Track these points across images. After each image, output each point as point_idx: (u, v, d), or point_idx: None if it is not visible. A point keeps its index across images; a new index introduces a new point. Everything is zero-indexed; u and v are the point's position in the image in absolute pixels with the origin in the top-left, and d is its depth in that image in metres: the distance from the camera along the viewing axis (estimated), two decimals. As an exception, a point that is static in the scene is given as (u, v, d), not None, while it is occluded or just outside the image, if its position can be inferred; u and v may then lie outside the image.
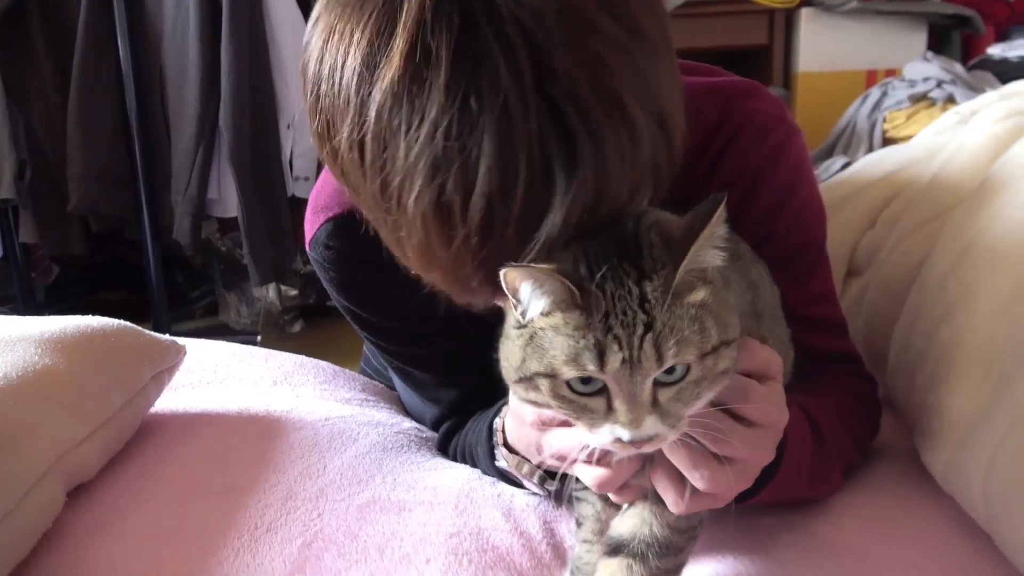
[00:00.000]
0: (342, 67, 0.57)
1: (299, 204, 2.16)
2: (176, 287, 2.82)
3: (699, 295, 0.53)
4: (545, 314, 0.54)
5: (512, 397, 0.69)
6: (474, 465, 0.89)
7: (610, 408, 0.53)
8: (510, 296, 0.55)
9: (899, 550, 0.73)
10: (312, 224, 0.86)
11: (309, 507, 0.81)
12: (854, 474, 0.86)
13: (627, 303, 0.52)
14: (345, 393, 1.19)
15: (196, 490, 0.84)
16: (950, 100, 2.23)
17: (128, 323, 1.00)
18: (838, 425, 0.80)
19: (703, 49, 2.95)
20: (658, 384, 0.53)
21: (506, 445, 0.79)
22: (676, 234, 0.54)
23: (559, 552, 0.78)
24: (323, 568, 0.72)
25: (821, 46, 2.95)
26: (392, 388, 1.18)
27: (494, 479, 0.87)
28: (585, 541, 0.72)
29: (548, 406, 0.55)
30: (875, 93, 2.42)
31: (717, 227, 0.53)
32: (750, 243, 0.76)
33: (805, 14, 2.94)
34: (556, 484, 0.78)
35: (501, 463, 0.81)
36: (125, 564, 0.74)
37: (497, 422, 0.80)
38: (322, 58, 0.58)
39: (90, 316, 0.98)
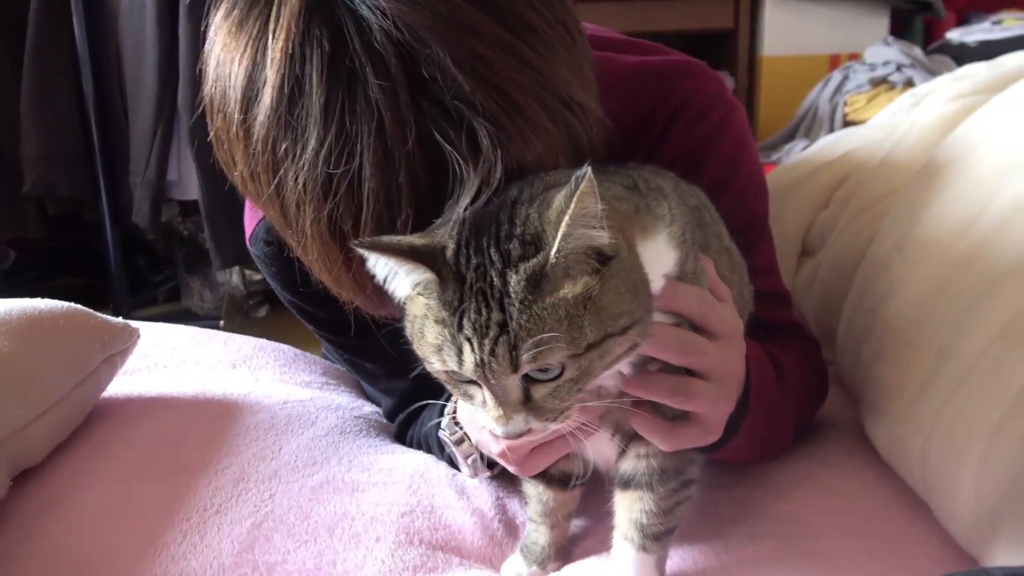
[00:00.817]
0: (226, 98, 0.58)
1: (261, 186, 2.13)
2: (138, 272, 2.78)
3: (573, 289, 0.48)
4: (411, 297, 0.53)
5: None
6: (430, 451, 0.89)
7: (485, 403, 0.52)
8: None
9: (840, 519, 0.75)
10: (251, 220, 0.86)
11: (261, 488, 0.80)
12: (803, 437, 0.88)
13: (485, 298, 0.48)
14: (306, 376, 1.18)
15: (146, 472, 0.84)
16: (909, 83, 2.26)
17: (78, 305, 0.98)
18: (795, 372, 0.81)
19: (669, 32, 2.95)
20: (532, 381, 0.50)
21: (454, 418, 0.79)
22: (551, 215, 0.49)
23: (512, 529, 0.78)
24: (271, 548, 0.71)
25: (785, 30, 2.97)
26: (354, 372, 1.17)
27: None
28: (531, 520, 0.73)
29: (440, 380, 0.55)
30: (836, 77, 2.44)
31: (586, 205, 0.47)
32: None
33: (770, -2, 2.96)
34: (488, 472, 0.78)
35: (443, 433, 0.79)
36: (70, 545, 0.73)
37: (448, 408, 0.80)
38: (215, 84, 0.60)
39: (38, 299, 0.96)
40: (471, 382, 0.52)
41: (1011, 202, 0.76)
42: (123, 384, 1.04)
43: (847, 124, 2.27)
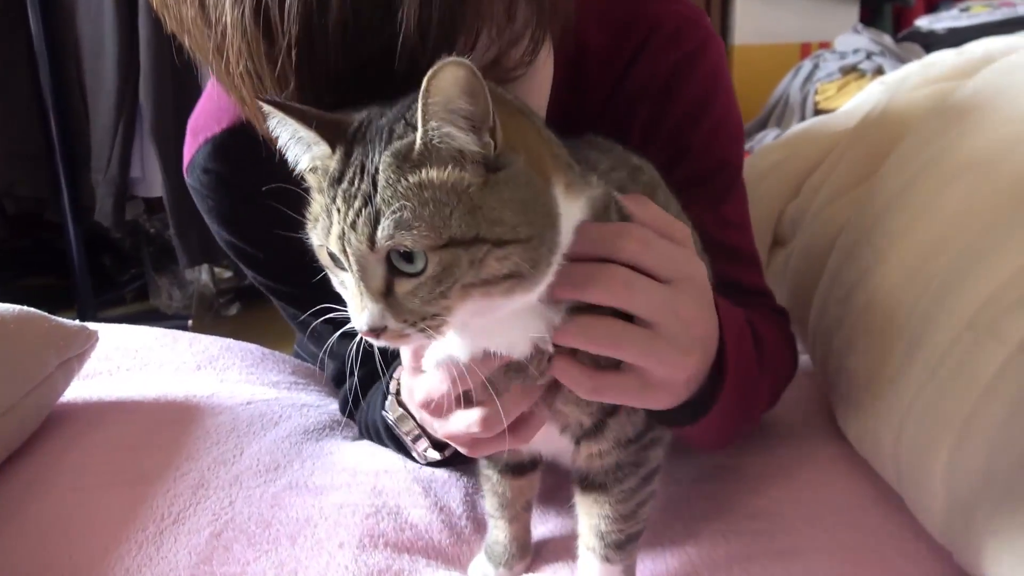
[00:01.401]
0: None
1: (228, 182, 2.10)
2: (104, 271, 2.72)
3: (440, 175, 0.45)
4: (306, 170, 0.50)
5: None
6: (380, 441, 0.84)
7: (347, 288, 0.49)
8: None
9: (813, 514, 0.74)
10: (190, 148, 0.80)
11: (221, 495, 0.78)
12: (773, 425, 0.86)
13: (362, 172, 0.46)
14: (273, 376, 1.15)
15: (102, 480, 0.81)
16: (879, 71, 2.27)
17: (31, 309, 0.95)
18: (772, 344, 0.76)
19: (641, 21, 2.94)
20: (398, 274, 0.47)
21: (397, 398, 0.72)
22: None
23: (480, 526, 0.76)
24: (231, 559, 0.69)
25: (757, 19, 2.98)
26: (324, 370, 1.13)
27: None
28: (490, 516, 0.71)
29: (326, 268, 0.52)
30: (807, 65, 2.45)
31: (447, 93, 0.44)
32: (664, 158, 0.68)
33: (741, -14, 2.97)
34: (437, 455, 0.72)
35: (387, 414, 0.73)
36: (20, 559, 0.70)
37: (396, 373, 0.72)
38: None
39: (-12, 303, 0.93)
40: (344, 269, 0.49)
41: (976, 193, 0.75)
42: (82, 389, 1.01)
43: (818, 112, 2.28)
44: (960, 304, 0.69)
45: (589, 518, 0.63)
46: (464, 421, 0.57)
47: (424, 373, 0.58)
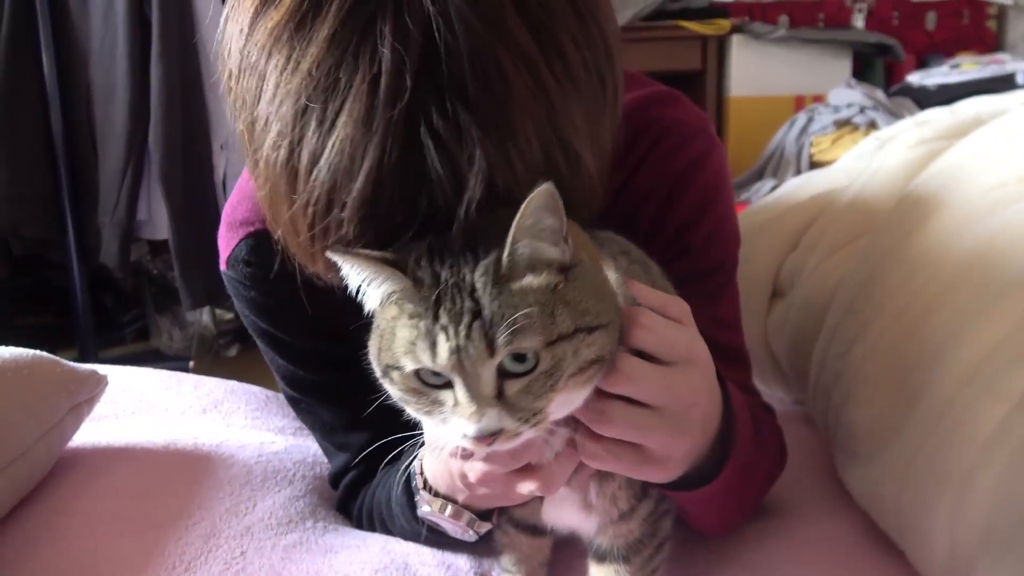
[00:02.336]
0: (244, 0, 0.57)
1: (233, 226, 2.12)
2: (105, 311, 2.73)
3: (537, 280, 0.50)
4: (383, 304, 0.53)
5: (426, 431, 0.66)
6: (384, 529, 0.83)
7: (457, 402, 0.51)
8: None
9: (813, 570, 0.75)
10: (229, 240, 0.82)
11: (232, 545, 0.78)
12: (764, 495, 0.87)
13: (459, 291, 0.50)
14: (278, 421, 1.16)
15: (113, 527, 0.81)
16: (872, 125, 2.33)
17: (43, 353, 0.96)
18: (768, 430, 0.78)
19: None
20: (507, 375, 0.50)
21: (427, 489, 0.72)
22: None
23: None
24: (243, 606, 0.69)
25: (751, 72, 3.06)
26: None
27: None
28: (506, 571, 0.72)
29: (406, 403, 0.54)
30: (802, 118, 2.51)
31: (538, 216, 0.49)
32: (664, 258, 0.71)
33: (736, 41, 3.05)
34: (489, 524, 0.73)
35: (424, 509, 0.73)
36: (32, 608, 0.70)
37: (416, 465, 0.73)
38: None
39: (1, 347, 0.94)
40: (440, 387, 0.52)
41: (972, 251, 0.78)
42: (90, 433, 1.01)
43: (813, 164, 2.33)
44: (959, 360, 0.71)
45: None
46: (527, 490, 0.59)
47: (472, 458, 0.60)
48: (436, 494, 0.71)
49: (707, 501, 0.68)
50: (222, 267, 0.84)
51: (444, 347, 0.49)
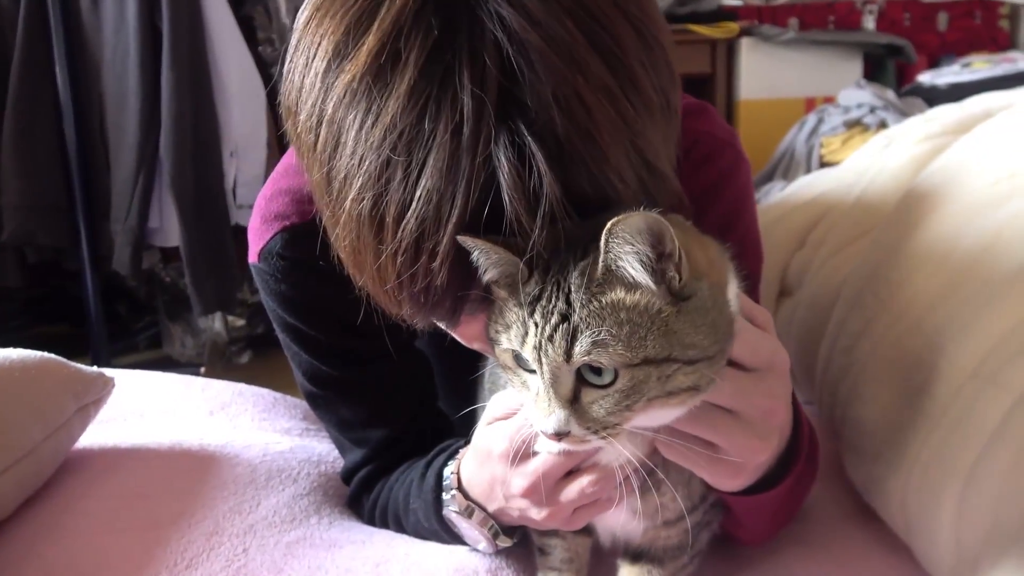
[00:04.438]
0: (316, 49, 0.56)
1: (242, 233, 2.12)
2: (118, 319, 2.75)
3: (632, 297, 0.49)
4: (496, 283, 0.54)
5: (477, 435, 0.67)
6: (396, 524, 0.83)
7: (537, 393, 0.52)
8: None
9: (820, 571, 0.74)
10: (263, 234, 0.82)
11: (235, 542, 0.79)
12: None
13: (557, 289, 0.51)
14: (285, 423, 1.16)
15: (118, 525, 0.82)
16: (882, 125, 2.31)
17: (51, 355, 0.97)
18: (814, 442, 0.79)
19: (649, 77, 3.01)
20: (586, 383, 0.51)
21: (460, 490, 0.72)
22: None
23: (494, 571, 0.76)
24: (243, 603, 0.70)
25: (761, 75, 3.04)
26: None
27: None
28: (552, 569, 0.70)
29: (506, 373, 0.56)
30: (812, 119, 2.49)
31: (627, 237, 0.49)
32: None
33: (745, 44, 3.04)
34: (510, 541, 0.74)
35: (451, 508, 0.73)
36: (35, 605, 0.71)
37: (451, 466, 0.74)
38: (300, 39, 0.58)
39: (10, 348, 0.95)
40: (531, 372, 0.53)
41: (977, 244, 0.77)
42: (97, 434, 1.02)
43: (823, 165, 2.31)
44: (964, 354, 0.70)
45: None
46: (577, 489, 0.60)
47: (526, 464, 0.61)
48: (467, 497, 0.71)
49: (765, 507, 0.68)
50: (252, 259, 0.84)
51: (531, 341, 0.51)
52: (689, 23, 2.98)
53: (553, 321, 0.50)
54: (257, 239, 0.82)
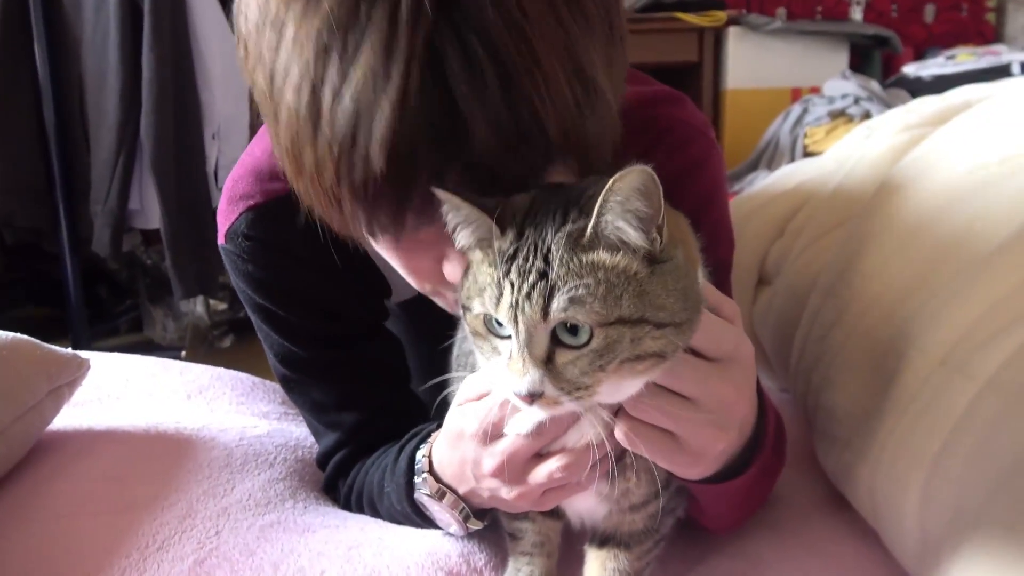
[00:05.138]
0: None
1: (224, 215, 2.12)
2: (99, 302, 2.73)
3: (612, 259, 0.50)
4: (471, 247, 0.55)
5: (448, 417, 0.67)
6: (372, 509, 0.83)
7: (511, 355, 0.52)
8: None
9: (790, 552, 0.75)
10: (230, 214, 0.82)
11: (208, 525, 0.78)
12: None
13: (535, 250, 0.51)
14: (263, 407, 1.16)
15: (88, 509, 0.81)
16: (867, 116, 2.32)
17: (23, 336, 0.96)
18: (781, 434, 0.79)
19: (636, 65, 3.00)
20: (560, 344, 0.51)
21: (431, 473, 0.73)
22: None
23: (465, 556, 0.76)
24: (213, 585, 0.69)
25: (748, 64, 3.05)
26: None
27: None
28: (524, 554, 0.71)
29: (475, 344, 0.56)
30: (796, 109, 2.50)
31: (629, 194, 0.49)
32: None
33: (733, 33, 3.04)
34: (480, 524, 0.74)
35: (423, 491, 0.73)
36: (3, 587, 0.71)
37: (423, 449, 0.74)
38: None
39: (-19, 330, 0.94)
40: (503, 338, 0.53)
41: (950, 233, 0.78)
42: (72, 417, 1.01)
43: (807, 155, 2.32)
44: (933, 342, 0.71)
45: (603, 570, 0.67)
46: (546, 471, 0.60)
47: (496, 444, 0.61)
48: (438, 480, 0.71)
49: (728, 496, 0.69)
50: (220, 241, 0.84)
51: (507, 300, 0.51)
52: (677, 11, 2.98)
53: (531, 279, 0.50)
54: (224, 220, 0.83)
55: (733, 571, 0.73)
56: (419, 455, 0.74)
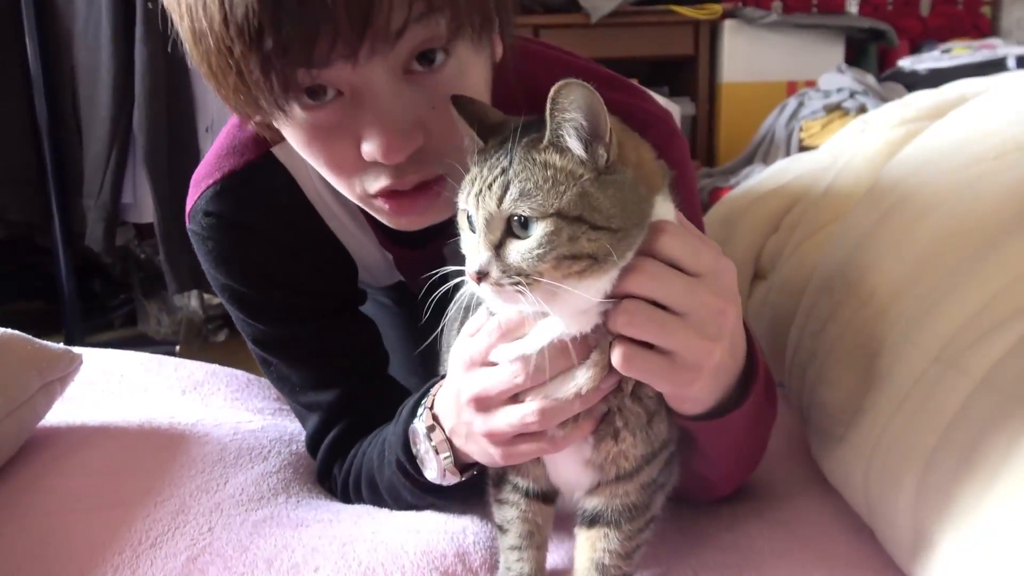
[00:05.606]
0: None
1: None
2: (93, 296, 2.72)
3: (560, 161, 0.57)
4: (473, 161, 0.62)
5: (449, 364, 0.68)
6: (370, 487, 0.83)
7: (474, 241, 0.59)
8: None
9: (783, 546, 0.75)
10: (192, 197, 0.85)
11: (200, 521, 0.78)
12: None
13: (506, 155, 0.58)
14: (258, 403, 1.16)
15: (81, 504, 0.81)
16: (862, 110, 2.31)
17: (14, 331, 0.96)
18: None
19: (631, 58, 3.00)
20: (513, 236, 0.57)
21: (431, 410, 0.73)
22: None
23: (460, 554, 0.76)
24: (206, 582, 0.69)
25: (744, 57, 3.04)
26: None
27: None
28: (514, 548, 0.70)
29: (461, 229, 0.61)
30: (792, 103, 2.50)
31: (566, 104, 0.55)
32: None
33: (728, 26, 3.03)
34: (457, 477, 0.73)
35: (418, 423, 0.73)
36: (-5, 584, 0.70)
37: (434, 391, 0.74)
38: None
39: (-28, 325, 0.93)
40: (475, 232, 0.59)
41: (945, 229, 0.77)
42: (65, 412, 1.01)
43: (803, 149, 2.32)
44: (928, 338, 0.71)
45: (593, 552, 0.66)
46: (519, 413, 0.62)
47: (478, 370, 0.63)
48: (435, 419, 0.72)
49: (728, 435, 0.69)
50: (188, 224, 0.86)
51: (474, 190, 0.58)
52: (672, 4, 2.97)
53: (495, 174, 0.57)
54: (189, 202, 0.85)
55: (726, 564, 0.73)
56: (430, 391, 0.75)
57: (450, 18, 0.62)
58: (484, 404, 0.64)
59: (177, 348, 2.40)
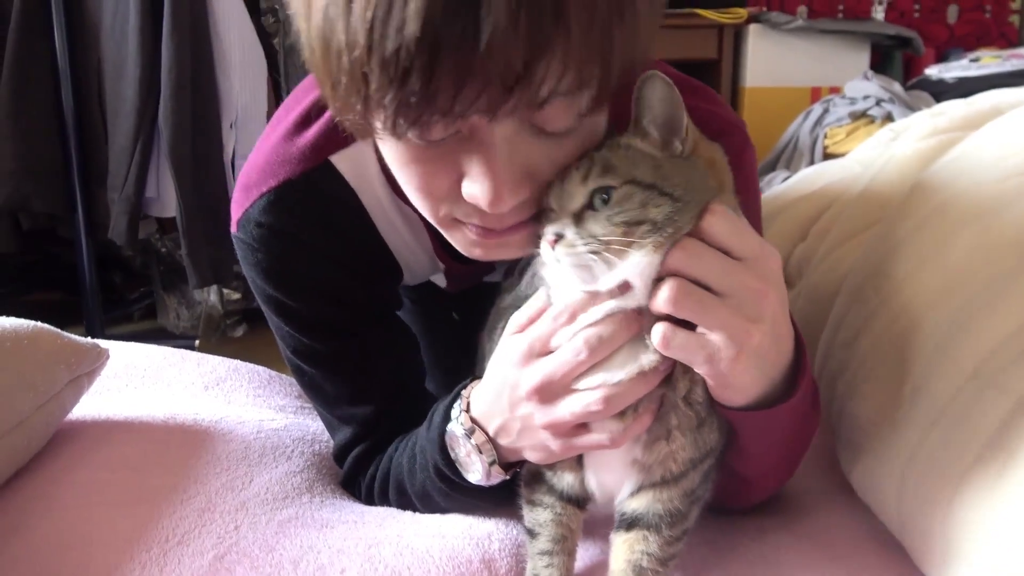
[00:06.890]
0: None
1: (240, 205, 2.11)
2: (113, 288, 2.74)
3: (641, 144, 0.62)
4: None
5: (492, 364, 0.68)
6: (398, 492, 0.83)
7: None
8: None
9: (812, 561, 0.74)
10: (243, 202, 0.81)
11: (227, 519, 0.78)
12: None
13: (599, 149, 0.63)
14: (280, 400, 1.16)
15: (107, 499, 0.81)
16: (888, 118, 2.29)
17: (44, 325, 0.96)
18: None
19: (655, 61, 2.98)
20: (591, 209, 0.60)
21: (467, 413, 0.72)
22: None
23: (485, 559, 0.76)
24: (233, 581, 0.69)
25: (768, 62, 3.02)
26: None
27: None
28: (544, 553, 0.69)
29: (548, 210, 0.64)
30: (817, 109, 2.48)
31: (646, 95, 0.61)
32: None
33: (753, 30, 3.01)
34: (503, 475, 0.72)
35: (454, 425, 0.72)
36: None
37: (464, 393, 0.74)
38: None
39: (3, 318, 0.94)
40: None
41: (982, 242, 0.76)
42: (90, 406, 1.01)
43: (827, 156, 2.30)
44: (965, 354, 0.70)
45: (631, 554, 0.66)
46: (582, 400, 0.62)
47: (537, 361, 0.64)
48: (473, 421, 0.72)
49: (772, 431, 0.69)
50: (233, 230, 0.83)
51: (567, 173, 0.62)
52: (697, 7, 2.95)
53: (584, 162, 0.62)
54: (237, 209, 0.82)
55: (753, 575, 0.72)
56: (462, 395, 0.74)
57: (595, 93, 0.58)
58: (547, 393, 0.63)
59: (196, 343, 2.41)
